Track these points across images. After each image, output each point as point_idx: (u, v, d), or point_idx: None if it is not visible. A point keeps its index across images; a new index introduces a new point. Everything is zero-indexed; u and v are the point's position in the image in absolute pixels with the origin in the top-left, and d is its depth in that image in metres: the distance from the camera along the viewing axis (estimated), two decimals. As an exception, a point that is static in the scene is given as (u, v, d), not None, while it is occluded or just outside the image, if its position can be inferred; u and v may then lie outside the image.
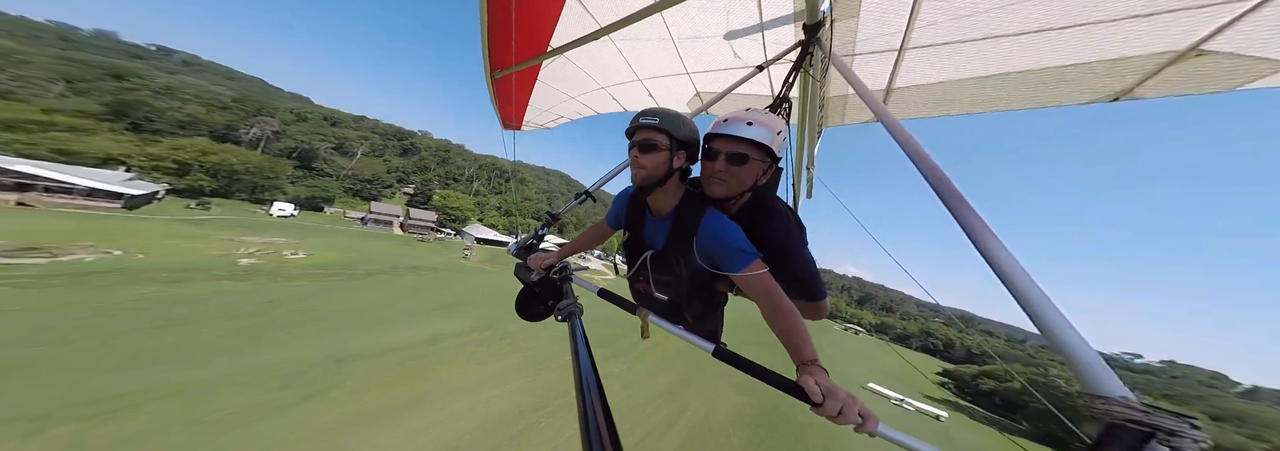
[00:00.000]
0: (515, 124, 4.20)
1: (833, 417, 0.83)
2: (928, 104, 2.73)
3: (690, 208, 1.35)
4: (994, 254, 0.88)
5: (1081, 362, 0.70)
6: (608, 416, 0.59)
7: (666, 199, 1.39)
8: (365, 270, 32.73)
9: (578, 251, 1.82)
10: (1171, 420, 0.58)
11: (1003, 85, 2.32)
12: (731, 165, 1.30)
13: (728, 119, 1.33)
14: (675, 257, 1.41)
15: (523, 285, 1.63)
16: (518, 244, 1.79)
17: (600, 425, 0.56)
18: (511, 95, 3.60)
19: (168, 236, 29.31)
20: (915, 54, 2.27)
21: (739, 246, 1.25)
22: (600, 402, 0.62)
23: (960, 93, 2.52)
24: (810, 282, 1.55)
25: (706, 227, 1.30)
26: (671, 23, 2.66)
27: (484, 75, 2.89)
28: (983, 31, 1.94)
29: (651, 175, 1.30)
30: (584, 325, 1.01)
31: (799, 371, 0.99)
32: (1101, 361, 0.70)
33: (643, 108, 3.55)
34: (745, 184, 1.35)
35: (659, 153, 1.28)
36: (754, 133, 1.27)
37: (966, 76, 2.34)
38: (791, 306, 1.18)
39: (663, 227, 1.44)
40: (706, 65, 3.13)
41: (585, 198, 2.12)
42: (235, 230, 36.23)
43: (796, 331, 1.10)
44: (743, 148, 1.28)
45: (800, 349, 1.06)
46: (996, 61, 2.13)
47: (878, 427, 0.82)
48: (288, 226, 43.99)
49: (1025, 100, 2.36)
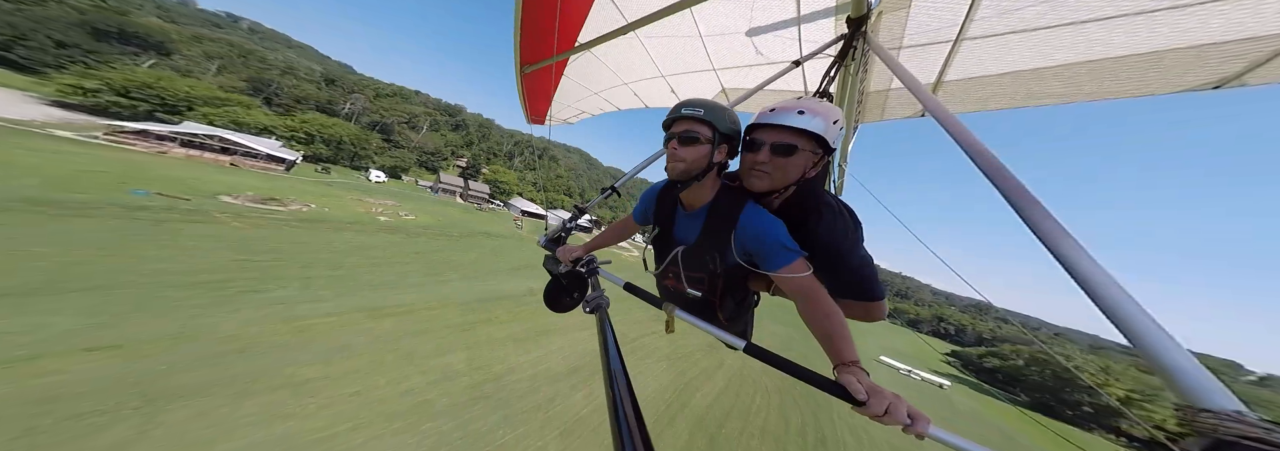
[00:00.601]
0: (540, 118, 4.28)
1: (878, 417, 0.77)
2: (982, 98, 2.56)
3: (728, 200, 1.30)
4: (1070, 256, 0.80)
5: (1179, 371, 0.63)
6: (635, 405, 0.60)
7: (702, 193, 1.33)
8: (457, 233, 41.51)
9: (603, 246, 1.82)
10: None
11: (1070, 76, 2.12)
12: (776, 156, 1.21)
13: (775, 108, 1.24)
14: (710, 253, 1.35)
15: (551, 276, 1.65)
16: (547, 236, 1.80)
17: (628, 413, 0.57)
18: (538, 90, 3.70)
19: (324, 195, 38.82)
20: (972, 45, 2.13)
21: (782, 243, 1.18)
22: (628, 392, 0.63)
23: (1020, 85, 2.33)
24: (866, 282, 1.36)
25: (746, 221, 1.24)
26: (700, 18, 2.61)
27: (514, 70, 2.96)
28: (1052, 20, 1.79)
29: (690, 169, 1.23)
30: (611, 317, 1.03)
31: (838, 370, 0.94)
32: (1204, 370, 0.63)
33: (665, 104, 3.69)
34: (790, 177, 1.26)
35: (700, 146, 1.21)
36: (806, 121, 1.18)
37: (1030, 67, 2.16)
38: (835, 307, 1.12)
39: (696, 222, 1.38)
40: (733, 61, 3.09)
41: (611, 192, 2.05)
42: (355, 192, 45.80)
43: (839, 333, 1.04)
44: (791, 138, 1.20)
45: (841, 351, 0.99)
46: (1065, 50, 1.95)
47: (929, 428, 0.75)
48: (384, 191, 53.65)
49: (1099, 91, 2.17)
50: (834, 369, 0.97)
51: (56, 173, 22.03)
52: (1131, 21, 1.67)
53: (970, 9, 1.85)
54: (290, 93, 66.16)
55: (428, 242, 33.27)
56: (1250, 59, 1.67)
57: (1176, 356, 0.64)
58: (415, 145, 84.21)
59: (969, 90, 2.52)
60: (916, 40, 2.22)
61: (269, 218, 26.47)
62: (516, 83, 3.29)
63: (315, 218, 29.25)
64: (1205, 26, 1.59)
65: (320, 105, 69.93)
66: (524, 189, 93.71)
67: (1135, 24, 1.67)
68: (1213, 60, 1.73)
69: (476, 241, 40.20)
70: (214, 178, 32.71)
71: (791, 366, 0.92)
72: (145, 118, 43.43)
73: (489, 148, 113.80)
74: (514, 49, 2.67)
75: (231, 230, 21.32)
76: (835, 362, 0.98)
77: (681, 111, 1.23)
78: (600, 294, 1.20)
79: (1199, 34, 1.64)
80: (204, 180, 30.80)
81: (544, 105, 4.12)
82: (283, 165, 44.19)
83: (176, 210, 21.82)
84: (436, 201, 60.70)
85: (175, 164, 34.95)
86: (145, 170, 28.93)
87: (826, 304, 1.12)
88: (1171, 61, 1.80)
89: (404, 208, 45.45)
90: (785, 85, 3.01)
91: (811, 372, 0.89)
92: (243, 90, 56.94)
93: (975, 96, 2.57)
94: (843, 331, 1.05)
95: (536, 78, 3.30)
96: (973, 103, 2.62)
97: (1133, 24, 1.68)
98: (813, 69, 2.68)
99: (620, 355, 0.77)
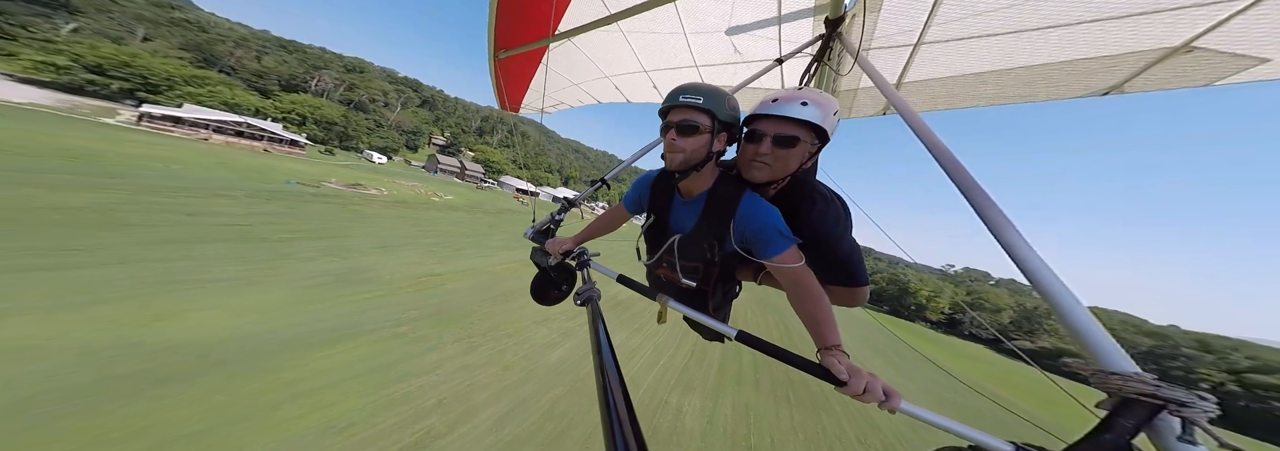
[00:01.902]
0: (514, 106, 4.20)
1: (857, 395, 0.84)
2: (933, 98, 2.77)
3: (726, 188, 1.30)
4: (1010, 240, 0.92)
5: (1093, 340, 0.75)
6: (626, 396, 0.61)
7: (701, 181, 1.33)
8: (492, 209, 46.43)
9: (593, 237, 1.76)
10: (1184, 393, 0.62)
11: (1006, 80, 2.35)
12: (779, 148, 1.22)
13: (778, 99, 1.23)
14: (708, 241, 1.35)
15: (539, 269, 1.60)
16: (534, 228, 1.76)
17: (619, 404, 0.58)
18: (513, 76, 3.62)
19: (369, 179, 42.17)
20: (928, 49, 2.30)
21: (780, 231, 1.20)
22: (619, 383, 0.64)
23: (965, 88, 2.56)
24: (853, 269, 1.44)
25: (746, 210, 1.25)
26: (684, 13, 2.63)
27: (486, 54, 2.90)
28: (996, 28, 1.98)
29: (690, 160, 1.21)
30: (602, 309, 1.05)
31: (822, 354, 1.00)
32: (1112, 340, 0.74)
33: (648, 100, 3.75)
34: (790, 168, 1.27)
35: (700, 135, 1.18)
36: (809, 113, 1.18)
37: (972, 72, 2.38)
38: (823, 294, 1.18)
39: (693, 210, 1.38)
40: (716, 58, 3.13)
41: (601, 184, 2.07)
42: (380, 174, 48.33)
43: (824, 318, 1.11)
44: (793, 129, 1.20)
45: (825, 335, 1.06)
46: (1004, 57, 2.17)
47: (901, 404, 0.83)
48: (395, 172, 55.96)
49: (1026, 95, 2.41)
50: (818, 352, 1.04)
51: (218, 164, 24.93)
52: (1049, 34, 1.92)
53: (929, 17, 2.04)
54: (249, 66, 61.72)
55: (483, 217, 38.72)
56: (1127, 71, 1.95)
57: (1093, 330, 0.76)
58: (393, 123, 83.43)
59: (922, 91, 2.75)
60: (883, 43, 2.39)
61: (376, 201, 30.80)
62: (490, 67, 3.16)
63: (396, 199, 33.90)
64: (1100, 41, 1.87)
65: (284, 81, 66.23)
66: (506, 166, 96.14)
67: (1052, 36, 1.93)
68: (1104, 70, 2.01)
69: (506, 218, 45.24)
70: (275, 164, 35.44)
71: (780, 352, 0.98)
72: (126, 96, 42.46)
73: (456, 123, 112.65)
74: (488, 32, 2.63)
75: (375, 211, 26.22)
76: (819, 346, 1.05)
77: (680, 98, 1.17)
78: (591, 286, 1.15)
79: (1092, 48, 1.93)
80: (273, 168, 33.85)
81: (520, 93, 4.06)
82: (302, 149, 45.86)
83: (324, 196, 26.29)
84: (441, 182, 63.50)
85: (231, 151, 36.37)
86: (232, 159, 31.62)
87: (816, 291, 1.18)
88: (1075, 70, 2.09)
89: (431, 189, 49.16)
90: (765, 84, 3.06)
91: (798, 357, 0.95)
92: (192, 61, 53.51)
93: (927, 96, 2.78)
94: (829, 317, 1.11)
95: (512, 64, 3.25)
96: (924, 102, 2.82)
97: (1052, 36, 1.93)
98: (790, 68, 2.77)
99: (612, 348, 0.77)
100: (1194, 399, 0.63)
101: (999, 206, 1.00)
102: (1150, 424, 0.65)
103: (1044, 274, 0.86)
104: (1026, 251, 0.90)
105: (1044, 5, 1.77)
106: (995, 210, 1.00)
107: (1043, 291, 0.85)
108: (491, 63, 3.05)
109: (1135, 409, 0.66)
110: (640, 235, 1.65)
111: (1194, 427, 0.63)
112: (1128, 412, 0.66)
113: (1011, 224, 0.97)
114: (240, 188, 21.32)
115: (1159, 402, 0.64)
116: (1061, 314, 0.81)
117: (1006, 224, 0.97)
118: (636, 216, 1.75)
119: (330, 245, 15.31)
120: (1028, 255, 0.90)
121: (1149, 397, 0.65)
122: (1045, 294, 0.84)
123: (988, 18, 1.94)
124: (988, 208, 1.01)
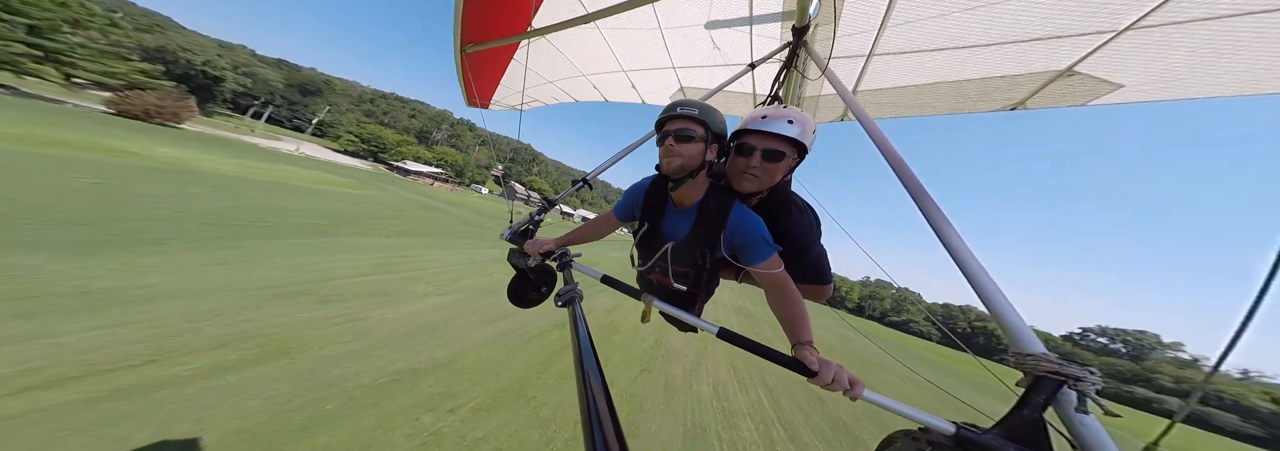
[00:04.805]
0: (482, 102, 4.13)
1: (826, 385, 0.93)
2: (882, 106, 2.97)
3: (717, 199, 1.37)
4: (949, 238, 1.02)
5: (1012, 327, 0.85)
6: (608, 398, 0.61)
7: (694, 191, 1.39)
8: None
9: (580, 242, 1.79)
10: (1078, 369, 0.74)
11: (938, 92, 2.60)
12: (767, 162, 1.32)
13: (767, 115, 1.34)
14: (700, 249, 1.42)
15: (516, 271, 1.58)
16: (512, 229, 1.75)
17: (600, 406, 0.58)
18: (483, 72, 3.57)
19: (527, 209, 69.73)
20: (879, 61, 2.49)
21: (765, 239, 1.30)
22: (600, 385, 0.64)
23: (907, 98, 2.76)
24: (821, 269, 1.64)
25: (736, 220, 1.33)
26: (662, 14, 2.67)
27: (453, 47, 2.87)
28: (936, 44, 2.18)
29: (687, 165, 1.28)
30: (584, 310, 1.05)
31: (796, 349, 1.10)
32: (1027, 326, 0.85)
33: (626, 100, 3.85)
34: (775, 180, 1.38)
35: (695, 143, 1.27)
36: (794, 130, 1.29)
37: (914, 83, 2.59)
38: (799, 295, 1.29)
39: (686, 219, 1.45)
40: (693, 60, 3.19)
41: (582, 185, 2.12)
42: (501, 202, 59.81)
43: (800, 316, 1.22)
44: (780, 145, 1.31)
45: (799, 332, 1.18)
46: (939, 71, 2.39)
47: (863, 392, 0.92)
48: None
49: (953, 107, 2.67)
50: (792, 347, 1.14)
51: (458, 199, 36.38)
52: (972, 52, 2.13)
53: (878, 30, 2.23)
54: (402, 124, 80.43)
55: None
56: (1028, 89, 2.20)
57: (1013, 317, 0.87)
58: (475, 161, 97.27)
59: (873, 100, 2.94)
60: (841, 53, 2.56)
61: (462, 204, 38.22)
62: (455, 62, 3.09)
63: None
64: (1010, 62, 2.09)
65: (419, 133, 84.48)
66: (548, 192, 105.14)
67: (974, 55, 2.15)
68: (1011, 88, 2.26)
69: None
70: (476, 202, 50.99)
71: (757, 346, 1.05)
72: (370, 157, 73.13)
73: (500, 156, 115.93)
74: (454, 26, 2.60)
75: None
76: (793, 342, 1.17)
77: (677, 110, 1.27)
78: (573, 286, 1.13)
79: (1003, 68, 2.15)
80: (491, 207, 44.90)
81: (490, 89, 4.01)
82: (458, 187, 75.21)
83: (564, 224, 33.56)
84: (530, 206, 69.93)
85: (455, 194, 54.47)
86: (458, 196, 45.11)
87: (793, 293, 1.29)
88: (991, 86, 2.33)
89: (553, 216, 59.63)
90: (740, 87, 3.23)
91: (774, 351, 1.02)
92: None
93: (879, 104, 2.96)
94: (804, 317, 1.23)
95: (480, 59, 3.21)
96: (876, 110, 3.01)
97: (976, 54, 2.14)
98: (761, 73, 2.89)
99: (594, 349, 0.75)
100: (1087, 373, 0.74)
101: (941, 208, 1.12)
102: (1055, 398, 0.75)
103: (974, 267, 0.97)
104: (961, 246, 1.01)
105: (967, 28, 2.00)
106: (938, 211, 1.11)
107: (972, 282, 0.95)
108: (458, 57, 3.01)
109: (1046, 385, 0.75)
110: (634, 244, 1.71)
111: (1087, 399, 0.73)
112: (1040, 389, 0.76)
113: (951, 224, 1.07)
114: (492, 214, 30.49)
115: (1061, 378, 0.74)
116: (988, 301, 0.91)
117: (946, 223, 1.07)
118: (624, 227, 1.81)
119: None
120: (961, 250, 1.00)
121: (1055, 374, 0.75)
122: (974, 284, 0.94)
123: (929, 35, 2.16)
124: (931, 208, 1.12)
